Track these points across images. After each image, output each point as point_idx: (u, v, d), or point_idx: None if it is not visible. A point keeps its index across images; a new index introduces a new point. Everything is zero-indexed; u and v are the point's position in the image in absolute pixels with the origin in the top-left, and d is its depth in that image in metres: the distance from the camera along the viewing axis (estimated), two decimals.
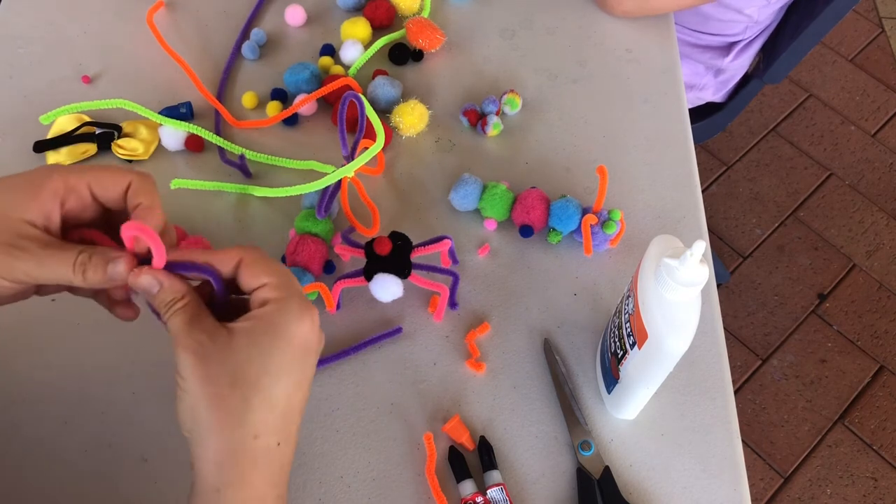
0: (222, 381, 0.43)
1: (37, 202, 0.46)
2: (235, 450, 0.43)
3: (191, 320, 0.44)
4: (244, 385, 0.43)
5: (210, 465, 0.43)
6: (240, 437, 0.43)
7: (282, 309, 0.44)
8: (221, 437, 0.42)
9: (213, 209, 0.76)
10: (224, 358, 0.43)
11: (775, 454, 1.62)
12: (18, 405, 0.65)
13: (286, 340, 0.44)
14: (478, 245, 0.75)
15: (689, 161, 0.82)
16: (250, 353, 0.43)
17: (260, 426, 0.43)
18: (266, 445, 0.43)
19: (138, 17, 0.88)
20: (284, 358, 0.44)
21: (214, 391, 0.42)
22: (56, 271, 0.46)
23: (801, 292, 1.82)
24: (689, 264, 0.50)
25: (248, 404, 0.43)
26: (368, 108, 0.75)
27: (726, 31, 1.22)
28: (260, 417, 0.43)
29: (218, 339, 0.43)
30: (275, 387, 0.44)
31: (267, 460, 0.44)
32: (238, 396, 0.43)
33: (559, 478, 0.63)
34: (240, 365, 0.43)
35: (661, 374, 0.58)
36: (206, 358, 0.43)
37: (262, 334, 0.44)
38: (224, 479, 0.43)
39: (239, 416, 0.42)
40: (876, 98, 2.13)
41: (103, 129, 0.79)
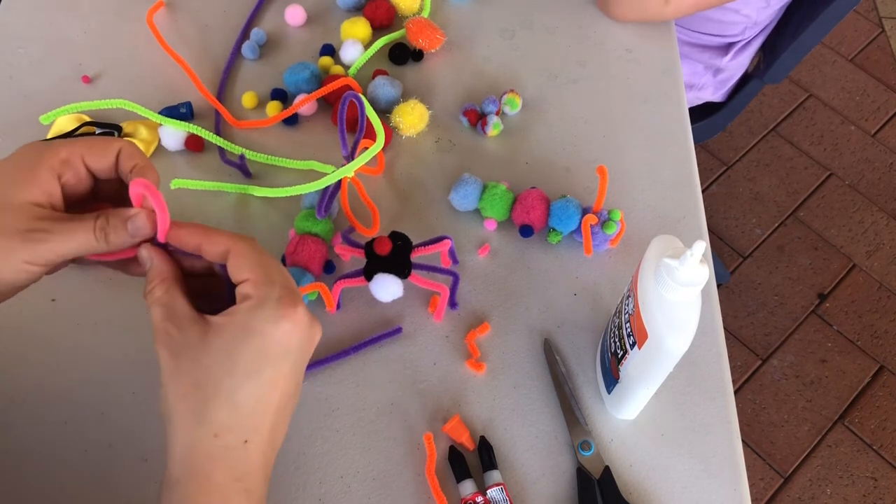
0: (187, 380, 0.44)
1: (36, 182, 0.46)
2: (194, 446, 0.43)
3: (167, 311, 0.45)
4: (207, 385, 0.43)
5: (173, 458, 0.44)
6: (199, 435, 0.43)
7: (256, 309, 0.44)
8: (183, 433, 0.43)
9: (213, 209, 0.76)
10: (193, 356, 0.44)
11: (775, 454, 1.62)
12: (18, 405, 0.65)
13: (258, 341, 0.44)
14: (478, 245, 0.75)
15: (689, 161, 0.82)
16: (218, 354, 0.44)
17: (219, 425, 0.43)
18: (226, 443, 0.44)
19: (138, 17, 0.88)
20: (254, 359, 0.44)
21: (181, 389, 0.44)
22: (80, 243, 0.46)
23: (801, 292, 1.82)
24: (689, 264, 0.50)
25: (209, 404, 0.43)
26: (368, 108, 0.75)
27: (725, 32, 1.22)
28: (220, 417, 0.43)
29: (190, 335, 0.44)
30: (241, 388, 0.44)
31: (228, 457, 0.44)
32: (199, 396, 0.43)
33: (559, 478, 0.63)
34: (206, 365, 0.44)
35: (661, 374, 0.58)
36: (176, 354, 0.44)
37: (232, 334, 0.44)
38: (182, 472, 0.43)
39: (198, 414, 0.43)
40: (876, 98, 2.13)
41: (103, 129, 0.79)
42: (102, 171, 0.49)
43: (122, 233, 0.47)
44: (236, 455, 0.44)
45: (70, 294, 0.70)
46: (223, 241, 0.47)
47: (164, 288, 0.46)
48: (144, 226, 0.47)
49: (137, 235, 0.47)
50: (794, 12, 1.23)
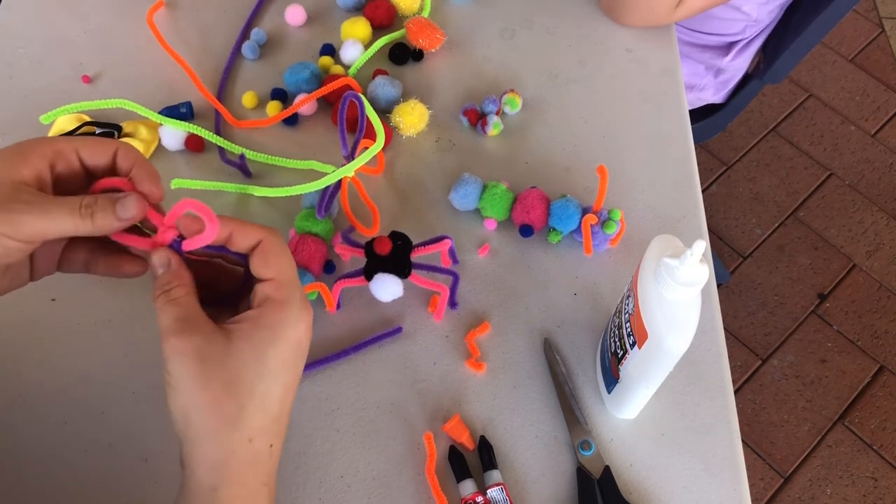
0: (218, 386, 0.42)
1: (27, 165, 0.45)
2: (231, 453, 0.43)
3: (185, 318, 0.44)
4: (240, 390, 0.43)
5: (205, 466, 0.43)
6: (235, 441, 0.43)
7: (282, 311, 0.44)
8: (217, 440, 0.43)
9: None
10: (221, 363, 0.43)
11: (775, 454, 1.62)
12: (18, 405, 0.65)
13: (282, 343, 0.44)
14: (478, 245, 0.75)
15: (689, 161, 0.82)
16: (247, 358, 0.43)
17: (254, 430, 0.43)
18: (260, 448, 0.44)
19: (138, 17, 0.88)
20: (280, 361, 0.44)
21: (210, 396, 0.42)
22: (62, 220, 0.44)
23: (801, 292, 1.82)
24: (689, 264, 0.50)
25: (244, 409, 0.43)
26: (368, 107, 0.75)
27: (726, 31, 1.22)
28: (255, 422, 0.43)
29: (215, 342, 0.43)
30: (270, 391, 0.44)
31: (258, 461, 0.44)
32: (234, 402, 0.43)
33: (559, 477, 0.63)
34: (237, 370, 0.43)
35: (661, 374, 0.58)
36: (203, 362, 0.43)
37: (260, 338, 0.44)
38: (220, 480, 0.43)
39: (234, 420, 0.43)
40: (876, 98, 2.13)
41: (103, 129, 0.79)
42: (97, 167, 0.49)
43: (110, 213, 0.45)
44: (264, 459, 0.44)
45: (70, 294, 0.70)
46: (256, 233, 0.46)
47: (185, 291, 0.45)
48: (133, 208, 0.46)
49: (125, 218, 0.46)
50: (794, 12, 1.23)
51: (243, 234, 0.47)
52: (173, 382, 0.43)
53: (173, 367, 0.43)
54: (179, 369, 0.43)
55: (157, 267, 0.46)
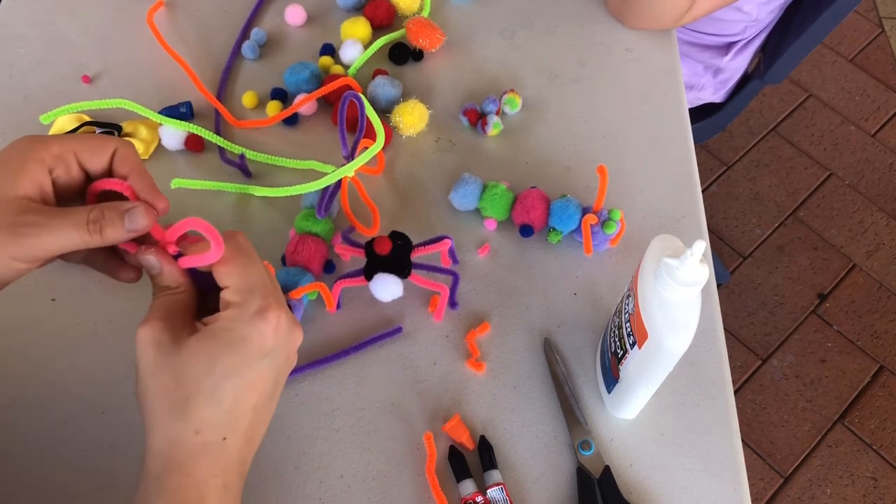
0: (167, 376, 0.44)
1: (26, 176, 0.45)
2: (175, 441, 0.44)
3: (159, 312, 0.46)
4: (188, 382, 0.44)
5: (151, 454, 0.44)
6: (180, 431, 0.44)
7: (236, 314, 0.46)
8: (162, 428, 0.44)
9: (214, 209, 0.76)
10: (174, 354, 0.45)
11: (775, 454, 1.62)
12: (18, 405, 0.65)
13: (238, 346, 0.45)
14: (478, 245, 0.75)
15: (689, 161, 0.82)
16: (198, 352, 0.45)
17: (202, 422, 0.44)
18: (206, 440, 0.44)
19: (138, 17, 0.89)
20: (233, 361, 0.45)
21: (160, 384, 0.44)
22: (70, 237, 0.45)
23: (801, 292, 1.82)
24: (689, 264, 0.50)
25: (190, 401, 0.44)
26: (368, 107, 0.75)
27: (726, 31, 1.22)
28: (202, 413, 0.44)
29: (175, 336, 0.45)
30: (220, 387, 0.45)
31: (208, 453, 0.45)
32: (181, 392, 0.44)
33: (559, 477, 0.63)
34: (186, 362, 0.44)
35: (661, 374, 0.58)
36: (158, 352, 0.45)
37: (215, 340, 0.45)
38: (163, 468, 0.44)
39: (180, 410, 0.44)
40: (876, 98, 2.13)
41: (103, 129, 0.79)
42: (96, 170, 0.49)
43: (119, 226, 0.46)
44: (215, 451, 0.45)
45: (70, 294, 0.70)
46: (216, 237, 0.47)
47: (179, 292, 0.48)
48: (142, 219, 0.46)
49: (135, 230, 0.46)
50: (795, 12, 1.23)
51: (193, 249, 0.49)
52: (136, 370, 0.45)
53: (136, 354, 0.45)
54: (139, 356, 0.45)
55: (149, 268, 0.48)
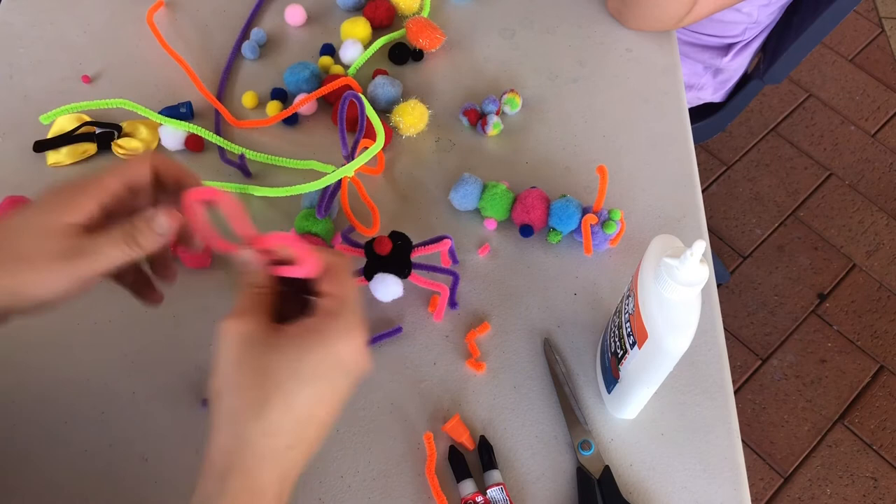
0: (249, 372, 0.44)
1: (75, 205, 0.48)
2: (246, 442, 0.43)
3: (248, 306, 0.46)
4: (269, 382, 0.44)
5: (220, 450, 0.44)
6: (251, 431, 0.43)
7: (331, 322, 0.46)
8: (236, 426, 0.43)
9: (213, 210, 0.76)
10: (261, 351, 0.44)
11: (775, 454, 1.62)
12: (18, 405, 0.65)
13: (323, 351, 0.45)
14: (478, 245, 0.75)
15: (689, 161, 0.82)
16: (287, 354, 0.44)
17: (274, 426, 0.44)
18: (275, 445, 0.44)
19: (138, 17, 0.89)
20: (316, 368, 0.45)
21: (240, 379, 0.44)
22: (115, 255, 0.48)
23: (801, 292, 1.82)
24: (689, 264, 0.50)
25: (268, 402, 0.43)
26: (368, 107, 0.75)
27: (726, 33, 1.22)
28: (275, 417, 0.43)
29: (263, 333, 0.45)
30: (298, 393, 0.44)
31: (273, 459, 0.44)
32: (260, 391, 0.43)
33: (559, 477, 0.63)
34: (271, 362, 0.44)
35: (661, 374, 0.58)
36: (245, 347, 0.44)
37: (303, 340, 0.45)
38: (229, 467, 0.43)
39: (256, 409, 0.43)
40: (876, 98, 2.13)
41: (103, 129, 0.79)
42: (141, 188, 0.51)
43: (150, 234, 0.48)
44: (278, 458, 0.44)
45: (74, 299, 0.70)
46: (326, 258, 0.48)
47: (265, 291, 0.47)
48: (166, 222, 0.49)
49: (165, 233, 0.49)
50: (795, 12, 1.23)
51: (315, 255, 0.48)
52: (216, 360, 0.44)
53: (219, 346, 0.44)
54: (223, 349, 0.44)
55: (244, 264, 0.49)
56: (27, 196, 0.73)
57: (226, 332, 0.45)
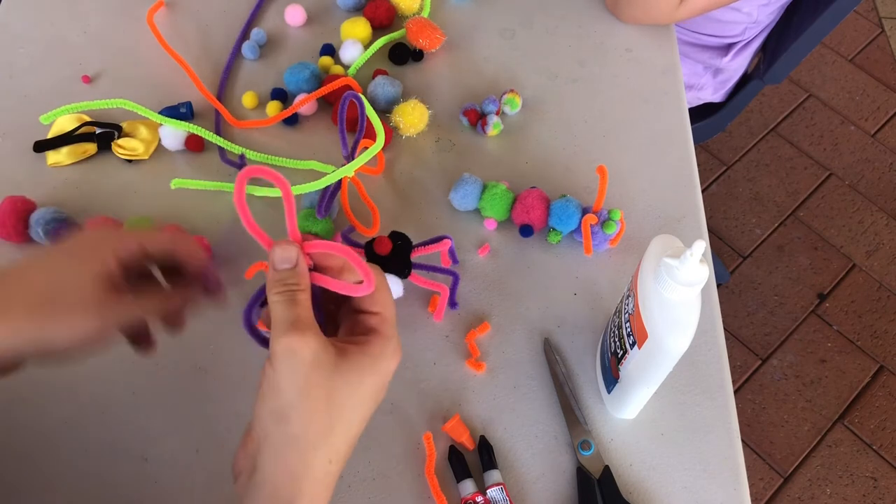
0: (320, 397, 0.42)
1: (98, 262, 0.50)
2: (311, 468, 0.43)
3: (306, 321, 0.43)
4: (335, 409, 0.43)
5: (285, 475, 0.42)
6: (317, 458, 0.43)
7: (386, 345, 0.45)
8: (303, 452, 0.42)
9: (213, 209, 0.76)
10: (329, 375, 0.42)
11: (775, 454, 1.62)
12: (19, 405, 0.65)
13: (378, 375, 0.45)
14: (478, 245, 0.75)
15: (689, 161, 0.82)
16: (350, 379, 0.43)
17: (335, 452, 0.44)
18: (333, 471, 0.44)
19: (138, 17, 0.89)
20: (371, 392, 0.45)
21: (311, 404, 0.42)
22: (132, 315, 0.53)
23: (801, 292, 1.82)
24: (688, 264, 0.50)
25: (334, 429, 0.43)
26: (368, 107, 0.75)
27: (726, 33, 1.22)
28: (338, 443, 0.44)
29: (328, 353, 0.43)
30: (356, 417, 0.44)
31: (329, 484, 0.44)
32: (328, 419, 0.43)
33: (559, 477, 0.63)
34: (339, 387, 0.43)
35: (660, 374, 0.58)
36: (314, 369, 0.42)
37: (364, 364, 0.44)
38: (297, 493, 0.42)
39: (324, 436, 0.43)
40: (876, 98, 2.13)
41: (103, 129, 0.79)
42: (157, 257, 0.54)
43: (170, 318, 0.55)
44: (331, 482, 0.44)
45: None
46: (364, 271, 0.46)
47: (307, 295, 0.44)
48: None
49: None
50: (795, 12, 1.23)
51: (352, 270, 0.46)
52: (277, 380, 0.42)
53: (282, 364, 0.42)
54: (289, 369, 0.42)
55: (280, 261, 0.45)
56: (27, 196, 0.73)
57: (289, 351, 0.42)
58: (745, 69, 1.32)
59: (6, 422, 0.64)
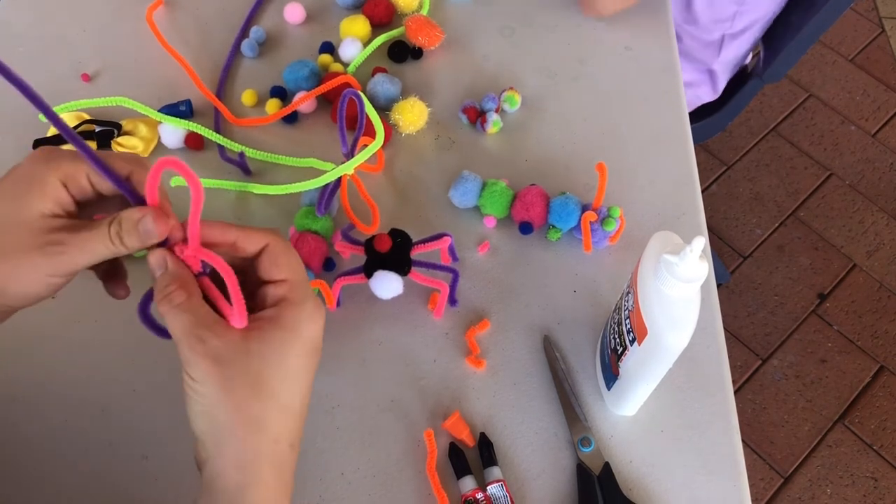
0: (242, 386, 0.42)
1: (45, 193, 0.45)
2: (258, 453, 0.43)
3: (197, 323, 0.43)
4: (264, 392, 0.43)
5: (232, 466, 0.43)
6: (262, 442, 0.43)
7: (300, 311, 0.44)
8: (244, 442, 0.43)
9: (213, 207, 0.76)
10: (243, 364, 0.42)
11: (775, 454, 1.62)
12: (18, 404, 0.65)
13: (301, 343, 0.44)
14: (477, 242, 0.75)
15: (689, 158, 0.82)
16: (269, 359, 0.43)
17: (279, 431, 0.43)
18: (282, 448, 0.44)
19: (138, 15, 0.89)
20: (299, 362, 0.44)
21: (236, 398, 0.42)
22: (98, 250, 0.45)
23: (801, 292, 1.82)
24: (688, 260, 0.50)
25: (268, 411, 0.43)
26: (368, 105, 0.75)
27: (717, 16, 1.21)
28: (279, 423, 0.43)
29: (233, 344, 0.42)
30: (291, 392, 0.44)
31: (282, 462, 0.44)
32: (259, 403, 0.43)
33: (559, 474, 0.63)
34: (259, 371, 0.43)
35: (660, 371, 0.58)
36: (225, 365, 0.42)
37: (280, 338, 0.43)
38: (248, 479, 0.43)
39: (260, 422, 0.43)
40: (876, 98, 2.13)
41: (103, 127, 0.79)
42: (108, 191, 0.48)
43: (135, 235, 0.45)
44: (286, 459, 0.44)
45: (70, 291, 0.70)
46: (262, 238, 0.46)
47: (185, 294, 0.43)
48: (153, 228, 0.44)
49: (148, 240, 0.45)
50: (793, 10, 1.23)
51: (248, 239, 0.46)
52: (196, 386, 0.42)
53: (195, 371, 0.42)
54: (201, 373, 0.42)
55: (154, 269, 0.45)
56: None
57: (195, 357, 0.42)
58: (737, 63, 1.31)
59: (6, 420, 0.64)
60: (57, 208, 0.45)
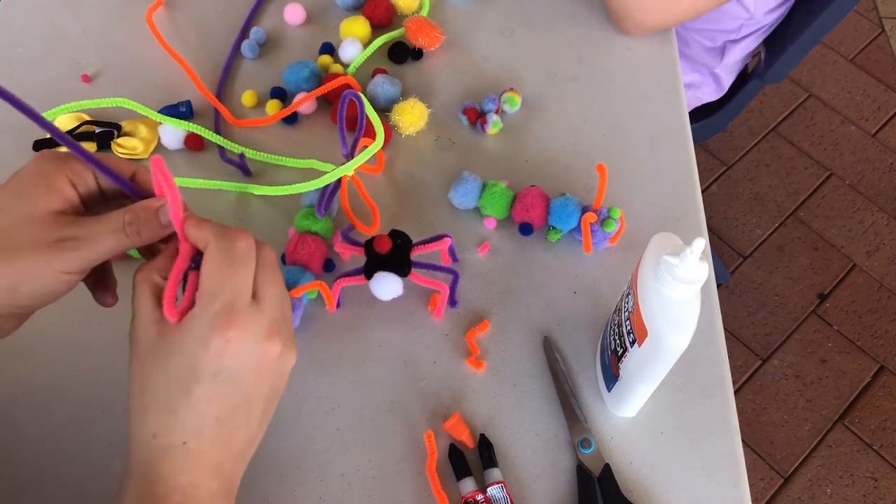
0: (137, 381, 0.45)
1: (54, 191, 0.46)
2: (139, 443, 0.45)
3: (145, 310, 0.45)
4: (147, 390, 0.45)
5: (129, 450, 0.45)
6: (141, 434, 0.45)
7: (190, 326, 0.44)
8: (133, 429, 0.45)
9: (213, 208, 0.76)
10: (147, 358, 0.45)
11: (775, 454, 1.62)
12: (19, 404, 0.65)
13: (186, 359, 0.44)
14: (477, 243, 0.75)
15: (689, 159, 0.82)
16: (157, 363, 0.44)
17: (156, 428, 0.44)
18: (164, 444, 0.44)
19: (138, 16, 0.89)
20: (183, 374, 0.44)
21: (133, 388, 0.45)
22: (111, 244, 0.46)
23: (801, 292, 1.82)
24: (688, 262, 0.50)
25: (147, 408, 0.45)
26: (368, 106, 0.75)
27: (723, 27, 1.21)
28: (157, 420, 0.44)
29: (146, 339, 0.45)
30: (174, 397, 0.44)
31: (168, 455, 0.44)
32: (142, 399, 0.45)
33: (559, 475, 0.63)
34: (149, 372, 0.45)
35: (660, 372, 0.58)
36: (137, 356, 0.45)
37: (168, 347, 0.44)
38: (131, 464, 0.45)
39: (141, 415, 0.45)
40: (876, 98, 2.13)
41: (103, 128, 0.79)
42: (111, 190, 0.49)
43: (155, 224, 0.46)
44: (176, 453, 0.45)
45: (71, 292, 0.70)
46: (206, 240, 0.46)
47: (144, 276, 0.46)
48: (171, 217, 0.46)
49: (167, 229, 0.47)
50: (797, 12, 1.23)
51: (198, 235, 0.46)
52: None
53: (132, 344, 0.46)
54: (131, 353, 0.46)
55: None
56: None
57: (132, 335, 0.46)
58: (740, 67, 1.31)
59: (7, 420, 0.64)
60: (66, 206, 0.46)
